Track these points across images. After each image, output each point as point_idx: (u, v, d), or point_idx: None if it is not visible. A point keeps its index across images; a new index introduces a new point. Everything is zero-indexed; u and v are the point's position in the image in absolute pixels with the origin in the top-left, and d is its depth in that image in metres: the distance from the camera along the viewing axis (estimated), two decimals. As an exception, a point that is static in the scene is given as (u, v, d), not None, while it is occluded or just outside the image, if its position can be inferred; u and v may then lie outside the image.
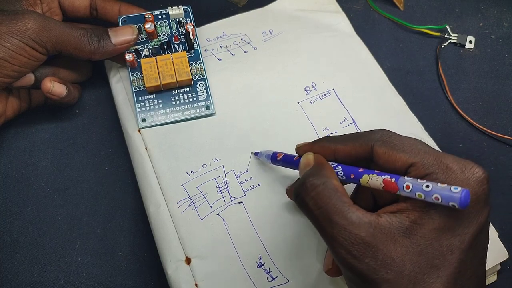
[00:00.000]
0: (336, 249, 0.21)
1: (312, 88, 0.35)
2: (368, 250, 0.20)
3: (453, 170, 0.21)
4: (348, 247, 0.20)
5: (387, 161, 0.22)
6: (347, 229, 0.20)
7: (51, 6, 0.34)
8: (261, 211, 0.30)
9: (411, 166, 0.22)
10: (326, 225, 0.21)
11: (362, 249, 0.20)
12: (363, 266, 0.20)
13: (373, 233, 0.20)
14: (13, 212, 0.33)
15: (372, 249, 0.20)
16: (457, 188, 0.19)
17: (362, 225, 0.20)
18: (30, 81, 0.32)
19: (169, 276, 0.29)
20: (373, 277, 0.20)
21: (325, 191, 0.22)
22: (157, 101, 0.34)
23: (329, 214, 0.21)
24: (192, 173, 0.31)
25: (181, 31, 0.35)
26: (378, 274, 0.20)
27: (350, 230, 0.20)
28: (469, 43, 0.40)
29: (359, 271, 0.20)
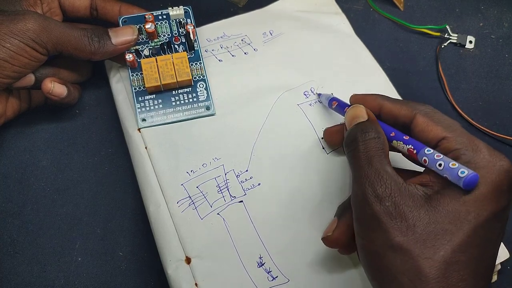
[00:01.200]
0: (364, 185, 0.23)
1: (311, 93, 0.35)
2: (392, 197, 0.22)
3: (481, 152, 0.22)
4: (376, 186, 0.22)
5: (423, 130, 0.25)
6: (381, 174, 0.23)
7: (51, 6, 0.34)
8: (262, 211, 0.30)
9: (443, 139, 0.24)
10: (365, 164, 0.23)
11: (388, 194, 0.22)
12: (382, 208, 0.22)
13: (400, 188, 0.22)
14: (13, 212, 0.33)
15: (394, 198, 0.22)
16: (464, 172, 0.21)
17: (393, 178, 0.22)
18: (31, 82, 0.32)
19: (169, 276, 0.29)
20: (387, 222, 0.21)
21: (377, 143, 0.24)
22: (157, 101, 0.34)
23: (372, 158, 0.23)
24: (192, 173, 0.31)
25: (182, 32, 0.35)
26: (393, 220, 0.21)
27: (383, 176, 0.22)
28: (469, 43, 0.41)
29: (377, 212, 0.22)
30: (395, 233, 0.21)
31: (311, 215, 0.31)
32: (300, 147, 0.33)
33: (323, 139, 0.32)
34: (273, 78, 0.35)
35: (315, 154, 0.32)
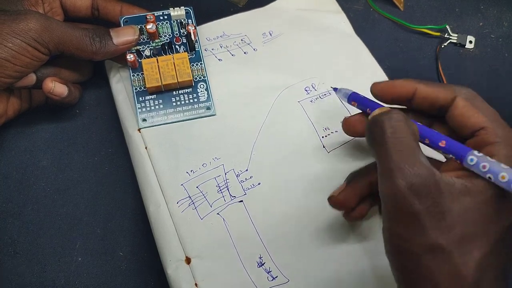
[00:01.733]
0: (396, 178, 0.20)
1: (312, 88, 0.35)
2: (430, 194, 0.20)
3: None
4: (411, 180, 0.20)
5: (462, 115, 0.23)
6: (415, 165, 0.20)
7: (52, 6, 0.34)
8: (262, 210, 0.30)
9: (481, 129, 0.22)
10: (395, 153, 0.21)
11: (426, 190, 0.20)
12: (420, 204, 0.19)
13: (436, 181, 0.20)
14: (13, 212, 0.33)
15: (434, 195, 0.20)
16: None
17: (429, 169, 0.20)
18: (32, 81, 0.32)
19: (169, 276, 0.28)
20: (427, 221, 0.19)
21: (406, 126, 0.22)
22: (158, 101, 0.34)
23: (402, 145, 0.21)
24: (192, 173, 0.31)
25: (183, 32, 0.35)
26: (433, 220, 0.19)
27: (417, 167, 0.20)
28: (469, 43, 0.41)
29: (414, 208, 0.20)
30: (436, 233, 0.19)
31: (311, 214, 0.30)
32: (301, 146, 0.33)
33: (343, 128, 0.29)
34: (272, 78, 0.35)
35: (316, 153, 0.32)
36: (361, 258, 0.29)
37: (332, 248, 0.29)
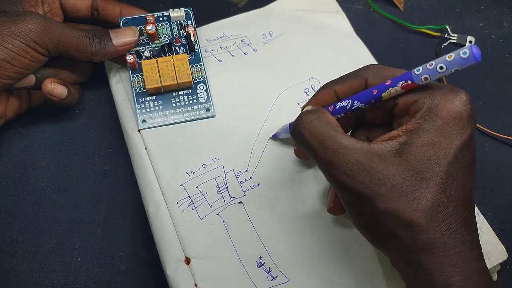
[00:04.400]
0: (331, 172, 0.23)
1: (312, 90, 0.35)
2: (361, 169, 0.22)
3: (438, 92, 0.23)
4: (343, 168, 0.22)
5: None
6: (340, 152, 0.22)
7: (52, 7, 0.34)
8: (261, 211, 0.30)
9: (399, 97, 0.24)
10: (321, 151, 0.23)
11: (356, 168, 0.22)
12: (358, 184, 0.22)
13: (365, 155, 0.22)
14: (13, 212, 0.33)
15: (365, 168, 0.22)
16: (465, 52, 0.21)
17: (354, 149, 0.22)
18: (31, 82, 0.32)
19: (169, 276, 0.29)
20: (367, 193, 0.22)
21: (319, 121, 0.24)
22: (157, 102, 0.34)
23: (323, 141, 0.23)
24: (192, 173, 0.31)
25: (182, 33, 0.35)
26: (372, 190, 0.22)
27: (343, 153, 0.22)
28: (469, 43, 0.40)
29: (355, 189, 0.22)
30: (379, 201, 0.22)
31: (310, 214, 0.31)
32: (300, 147, 0.33)
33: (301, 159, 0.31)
34: (272, 79, 0.35)
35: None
36: (361, 258, 0.29)
37: (332, 248, 0.29)
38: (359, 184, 0.22)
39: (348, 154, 0.22)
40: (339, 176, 0.22)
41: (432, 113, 0.22)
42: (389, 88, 0.23)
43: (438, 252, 0.21)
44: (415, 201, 0.21)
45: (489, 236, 0.30)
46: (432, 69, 0.22)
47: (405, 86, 0.23)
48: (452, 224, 0.22)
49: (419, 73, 0.22)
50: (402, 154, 0.22)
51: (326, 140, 0.23)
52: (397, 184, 0.21)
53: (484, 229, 0.30)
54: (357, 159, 0.22)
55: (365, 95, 0.25)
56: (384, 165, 0.22)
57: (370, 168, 0.22)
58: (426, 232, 0.21)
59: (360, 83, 0.25)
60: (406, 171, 0.22)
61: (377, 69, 0.25)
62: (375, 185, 0.22)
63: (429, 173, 0.22)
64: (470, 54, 0.21)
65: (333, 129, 0.23)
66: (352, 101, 0.25)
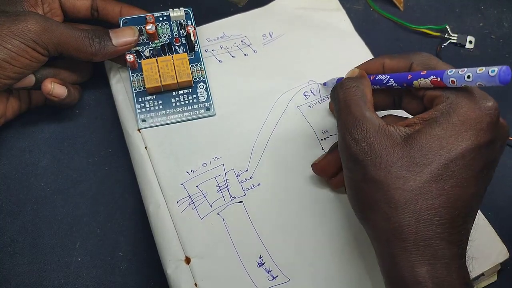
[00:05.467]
0: (343, 132, 0.25)
1: (311, 93, 0.35)
2: (367, 138, 0.24)
3: (465, 93, 0.23)
4: (353, 131, 0.24)
5: None
6: (358, 119, 0.24)
7: (52, 7, 0.34)
8: (261, 211, 0.30)
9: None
10: (344, 113, 0.25)
11: (363, 136, 0.24)
12: (358, 148, 0.24)
13: (377, 130, 0.24)
14: (13, 212, 0.33)
15: (370, 139, 0.24)
16: (494, 70, 0.21)
17: (371, 121, 0.24)
18: (31, 83, 0.32)
19: (169, 275, 0.29)
20: (363, 159, 0.23)
21: (356, 90, 0.26)
22: (157, 102, 0.34)
23: (350, 106, 0.25)
24: (192, 172, 0.31)
25: (182, 33, 0.35)
26: (368, 157, 0.23)
27: (360, 120, 0.24)
28: (469, 43, 0.40)
29: (354, 152, 0.24)
30: (370, 168, 0.23)
31: (310, 214, 0.30)
32: (300, 148, 0.33)
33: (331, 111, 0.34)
34: (272, 81, 0.35)
35: (315, 155, 0.32)
36: (361, 257, 0.29)
37: (332, 248, 0.29)
38: (359, 149, 0.24)
39: (363, 122, 0.24)
40: (347, 136, 0.24)
41: (451, 109, 0.23)
42: (421, 78, 0.25)
43: (408, 238, 0.22)
44: (402, 180, 0.22)
45: (489, 236, 0.30)
46: (460, 76, 0.23)
47: (434, 81, 0.24)
48: (435, 217, 0.22)
49: (450, 75, 0.23)
50: (409, 139, 0.23)
51: (353, 106, 0.25)
52: (392, 160, 0.23)
53: (484, 229, 0.30)
54: (367, 129, 0.24)
55: (401, 76, 0.26)
56: (388, 143, 0.23)
57: (374, 140, 0.23)
58: (402, 212, 0.22)
59: (405, 64, 0.26)
60: (406, 152, 0.23)
61: (424, 58, 0.26)
62: (372, 155, 0.23)
63: (426, 160, 0.22)
64: (497, 74, 0.21)
65: (363, 101, 0.25)
66: (389, 78, 0.27)
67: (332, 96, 0.28)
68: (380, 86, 0.27)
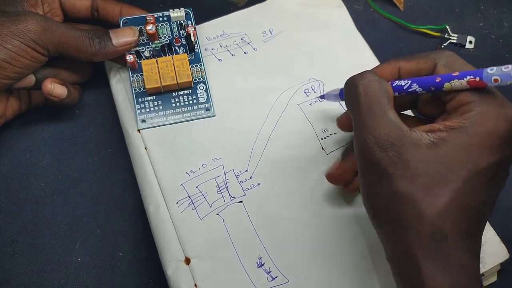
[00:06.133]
0: (365, 135, 0.22)
1: (312, 91, 0.35)
2: (394, 146, 0.22)
3: (493, 102, 0.22)
4: (377, 136, 0.22)
5: None
6: (382, 121, 0.22)
7: (52, 7, 0.34)
8: (261, 211, 0.30)
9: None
10: (365, 111, 0.23)
11: (389, 142, 0.22)
12: (386, 158, 0.22)
13: (403, 136, 0.22)
14: (13, 212, 0.33)
15: (397, 147, 0.22)
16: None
17: (396, 126, 0.22)
18: (31, 83, 0.32)
19: (169, 276, 0.29)
20: (391, 171, 0.21)
21: (379, 85, 0.23)
22: (157, 102, 0.34)
23: (372, 103, 0.23)
24: (191, 173, 0.31)
25: (182, 34, 0.35)
26: (397, 169, 0.21)
27: (385, 123, 0.22)
28: (469, 43, 0.40)
29: (380, 162, 0.22)
30: (400, 182, 0.21)
31: (310, 215, 0.30)
32: (300, 147, 0.33)
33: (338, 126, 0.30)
34: (272, 79, 0.35)
35: (315, 154, 0.32)
36: (362, 258, 0.29)
37: (332, 248, 0.29)
38: (386, 157, 0.22)
39: (388, 126, 0.22)
40: (370, 141, 0.22)
41: (481, 119, 0.22)
42: (454, 79, 0.22)
43: (434, 251, 0.21)
44: (434, 196, 0.21)
45: (489, 236, 0.30)
46: (506, 73, 0.21)
47: (472, 82, 0.22)
48: (457, 229, 0.21)
49: (491, 73, 0.21)
50: (437, 148, 0.22)
51: (375, 105, 0.23)
52: (422, 174, 0.21)
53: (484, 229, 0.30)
54: (394, 135, 0.22)
55: (427, 80, 0.23)
56: (416, 153, 0.22)
57: (402, 149, 0.22)
58: (431, 228, 0.21)
59: (429, 65, 0.24)
60: (435, 165, 0.21)
61: (451, 57, 0.24)
62: (401, 166, 0.21)
63: (454, 175, 0.21)
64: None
65: (387, 100, 0.23)
66: (412, 82, 0.24)
67: (348, 89, 0.24)
68: (399, 93, 0.25)
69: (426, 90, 0.24)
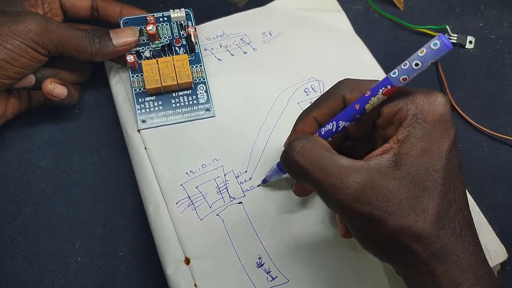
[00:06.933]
0: (336, 197, 0.21)
1: (312, 90, 0.35)
2: (367, 189, 0.21)
3: (419, 98, 0.23)
4: (348, 191, 0.21)
5: None
6: (342, 174, 0.21)
7: (52, 7, 0.34)
8: (261, 212, 0.30)
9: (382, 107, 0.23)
10: (320, 175, 0.21)
11: (361, 189, 0.21)
12: (367, 206, 0.21)
13: (367, 173, 0.21)
14: (13, 212, 0.33)
15: (371, 188, 0.21)
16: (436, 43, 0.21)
17: (355, 169, 0.21)
18: (31, 83, 0.32)
19: (169, 276, 0.29)
20: (377, 213, 0.21)
21: (313, 145, 0.22)
22: (157, 103, 0.34)
23: (321, 164, 0.22)
24: (191, 173, 0.31)
25: (182, 34, 0.35)
26: (382, 209, 0.21)
27: (346, 174, 0.21)
28: (469, 43, 0.41)
29: (364, 212, 0.21)
30: (389, 219, 0.21)
31: (310, 215, 0.31)
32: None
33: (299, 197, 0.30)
34: (272, 79, 0.35)
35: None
36: (361, 258, 0.29)
37: (332, 248, 0.29)
38: (367, 206, 0.21)
39: (351, 175, 0.21)
40: (345, 200, 0.21)
41: (419, 119, 0.22)
42: (370, 98, 0.23)
43: (450, 258, 0.21)
44: (423, 213, 0.21)
45: (489, 236, 0.30)
46: (407, 69, 0.22)
47: (386, 92, 0.23)
48: (456, 227, 0.22)
49: (396, 76, 0.22)
50: (400, 166, 0.22)
51: (325, 164, 0.21)
52: (403, 199, 0.21)
53: (484, 229, 0.30)
54: (361, 179, 0.21)
55: (348, 112, 0.24)
56: (386, 181, 0.21)
57: (375, 186, 0.21)
58: (438, 241, 0.21)
59: (337, 102, 0.25)
60: (408, 184, 0.21)
61: (352, 83, 0.25)
62: (383, 204, 0.21)
63: (430, 182, 0.22)
64: (440, 44, 0.21)
65: (328, 151, 0.22)
66: (337, 122, 0.24)
67: (289, 167, 0.23)
68: (331, 137, 0.25)
69: (352, 120, 0.24)
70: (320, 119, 0.26)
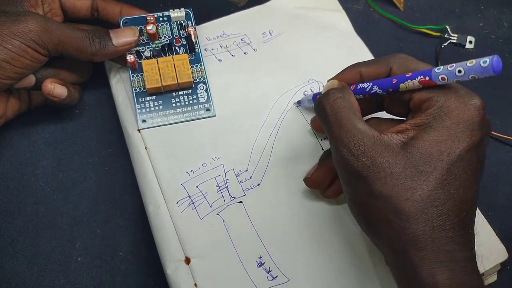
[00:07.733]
0: (339, 148, 0.24)
1: (311, 92, 0.35)
2: (366, 152, 0.23)
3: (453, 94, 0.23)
4: (350, 147, 0.23)
5: None
6: (352, 133, 0.24)
7: (52, 7, 0.34)
8: (261, 211, 0.30)
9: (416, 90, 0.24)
10: (336, 127, 0.24)
11: (362, 150, 0.23)
12: (359, 164, 0.23)
13: (374, 142, 0.23)
14: (13, 212, 0.33)
15: (370, 152, 0.23)
16: (486, 61, 0.21)
17: (366, 133, 0.24)
18: (31, 83, 0.32)
19: (169, 276, 0.29)
20: (366, 174, 0.23)
21: (343, 101, 0.25)
22: (158, 102, 0.34)
23: (341, 119, 0.24)
24: (191, 172, 0.31)
25: (182, 34, 0.35)
26: (371, 172, 0.23)
27: (355, 134, 0.24)
28: (469, 43, 0.41)
29: (355, 168, 0.23)
30: (375, 183, 0.23)
31: (310, 214, 0.31)
32: (300, 148, 0.33)
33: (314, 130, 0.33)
34: (272, 80, 0.35)
35: (315, 154, 0.32)
36: (361, 258, 0.29)
37: (332, 247, 0.29)
38: (360, 164, 0.23)
39: (358, 136, 0.23)
40: (344, 153, 0.23)
41: (443, 112, 0.23)
42: (407, 80, 0.24)
43: (426, 247, 0.22)
44: (410, 191, 0.22)
45: (489, 236, 0.30)
46: (451, 71, 0.22)
47: (423, 81, 0.23)
48: (446, 222, 0.22)
49: (438, 72, 0.23)
50: (407, 147, 0.23)
51: (344, 119, 0.24)
52: (396, 172, 0.22)
53: (484, 229, 0.30)
54: (365, 142, 0.23)
55: (385, 82, 0.25)
56: (388, 154, 0.23)
57: (374, 153, 0.23)
58: (415, 223, 0.22)
59: (385, 69, 0.26)
60: (408, 162, 0.22)
61: (403, 59, 0.26)
62: (375, 169, 0.23)
63: (430, 167, 0.22)
64: (489, 64, 0.21)
65: (352, 112, 0.25)
66: (372, 85, 0.26)
67: (318, 109, 0.26)
68: (363, 95, 0.27)
69: (385, 91, 0.25)
70: (364, 76, 0.27)
